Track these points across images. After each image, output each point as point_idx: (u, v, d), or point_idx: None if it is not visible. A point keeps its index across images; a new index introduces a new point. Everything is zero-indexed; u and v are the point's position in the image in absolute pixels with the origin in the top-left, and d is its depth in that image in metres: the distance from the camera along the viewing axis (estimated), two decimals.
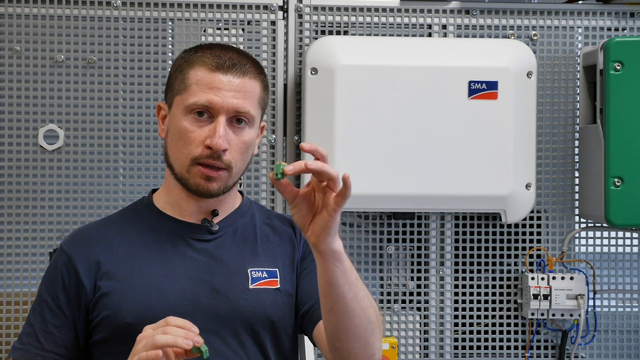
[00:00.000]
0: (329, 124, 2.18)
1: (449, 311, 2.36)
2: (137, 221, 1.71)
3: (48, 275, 1.68)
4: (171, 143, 1.66)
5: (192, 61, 1.66)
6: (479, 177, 2.20)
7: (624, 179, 2.18)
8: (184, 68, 1.66)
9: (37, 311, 1.67)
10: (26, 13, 2.25)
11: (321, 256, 1.49)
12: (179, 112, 1.64)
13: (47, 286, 1.67)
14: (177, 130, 1.64)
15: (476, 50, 2.23)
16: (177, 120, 1.64)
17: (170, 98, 1.67)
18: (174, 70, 1.69)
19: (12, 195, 2.25)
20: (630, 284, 2.39)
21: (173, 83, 1.68)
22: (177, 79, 1.66)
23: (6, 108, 2.25)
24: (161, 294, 1.61)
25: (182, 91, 1.64)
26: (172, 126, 1.66)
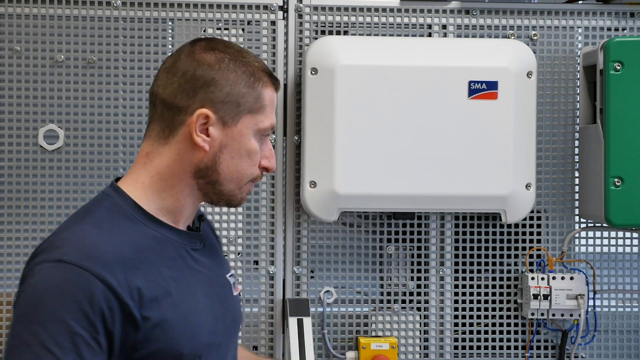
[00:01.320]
0: (329, 124, 2.18)
1: (449, 311, 2.36)
2: (139, 232, 1.52)
3: (70, 300, 1.38)
4: (230, 162, 1.55)
5: (257, 76, 1.56)
6: (479, 177, 2.20)
7: (624, 179, 2.18)
8: (254, 83, 1.55)
9: (65, 347, 1.37)
10: (26, 13, 2.25)
11: None
12: (249, 131, 1.55)
13: (75, 316, 1.38)
14: (246, 150, 1.55)
15: (476, 50, 2.23)
16: (245, 139, 1.55)
17: (236, 113, 1.54)
18: (235, 80, 1.54)
19: (12, 195, 2.25)
20: (630, 284, 2.39)
21: (240, 98, 1.54)
22: (249, 95, 1.55)
23: (6, 108, 2.25)
24: (202, 318, 1.51)
25: (256, 111, 1.55)
26: (234, 144, 1.54)
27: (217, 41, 1.59)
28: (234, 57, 1.55)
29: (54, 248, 1.43)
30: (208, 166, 1.54)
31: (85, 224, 1.47)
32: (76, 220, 1.50)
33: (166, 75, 1.55)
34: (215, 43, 1.58)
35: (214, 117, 1.52)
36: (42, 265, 1.41)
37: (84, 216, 1.50)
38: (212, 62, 1.54)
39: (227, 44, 1.59)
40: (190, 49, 1.55)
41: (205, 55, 1.54)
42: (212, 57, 1.54)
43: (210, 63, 1.54)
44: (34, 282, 1.40)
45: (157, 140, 1.56)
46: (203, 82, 1.52)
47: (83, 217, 1.49)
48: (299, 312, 2.17)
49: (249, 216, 2.29)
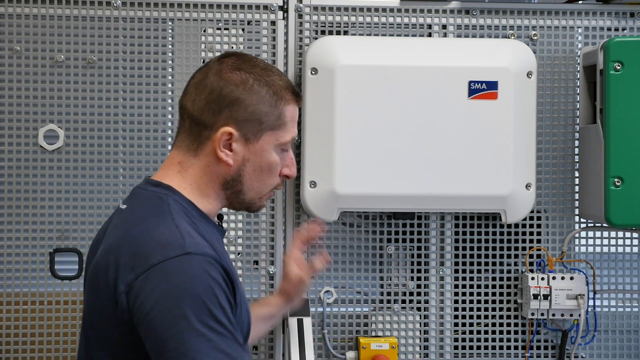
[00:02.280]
0: (329, 124, 2.18)
1: (449, 311, 2.36)
2: (208, 227, 1.68)
3: (207, 284, 1.50)
4: (252, 174, 1.68)
5: (280, 95, 1.68)
6: (479, 177, 2.20)
7: (624, 179, 2.18)
8: (277, 102, 1.67)
9: (226, 324, 1.50)
10: (26, 13, 2.25)
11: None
12: (269, 146, 1.68)
13: (213, 297, 1.50)
14: (267, 163, 1.68)
15: (476, 50, 2.23)
16: (267, 154, 1.68)
17: (258, 131, 1.66)
18: (258, 100, 1.65)
19: (12, 195, 2.25)
20: (630, 284, 2.39)
21: (263, 116, 1.66)
22: (272, 115, 1.66)
23: (6, 108, 2.25)
24: (247, 305, 1.68)
25: (277, 128, 1.68)
26: (256, 159, 1.68)
27: (245, 59, 1.71)
28: (258, 77, 1.67)
29: (165, 245, 1.52)
30: (233, 178, 1.68)
31: (174, 221, 1.58)
32: (159, 219, 1.59)
33: (195, 90, 1.67)
34: (242, 62, 1.69)
35: (237, 134, 1.65)
36: (169, 262, 1.51)
37: (164, 215, 1.60)
38: (238, 82, 1.65)
39: (254, 62, 1.70)
40: (219, 67, 1.67)
41: (232, 75, 1.66)
42: (237, 77, 1.66)
43: (236, 83, 1.65)
44: (178, 278, 1.49)
45: (187, 151, 1.68)
46: (228, 102, 1.64)
47: (164, 216, 1.59)
48: (299, 312, 2.17)
49: (249, 216, 2.29)
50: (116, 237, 1.61)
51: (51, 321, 2.27)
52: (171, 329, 1.48)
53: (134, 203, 1.68)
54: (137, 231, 1.58)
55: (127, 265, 1.54)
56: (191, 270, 1.51)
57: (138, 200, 1.68)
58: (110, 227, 1.66)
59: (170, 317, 1.48)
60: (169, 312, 1.48)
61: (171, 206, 1.62)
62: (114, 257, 1.57)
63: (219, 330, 1.49)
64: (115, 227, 1.64)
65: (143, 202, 1.66)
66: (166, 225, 1.57)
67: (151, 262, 1.51)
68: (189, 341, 1.47)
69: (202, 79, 1.67)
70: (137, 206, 1.66)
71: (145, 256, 1.53)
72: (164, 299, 1.49)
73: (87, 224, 2.27)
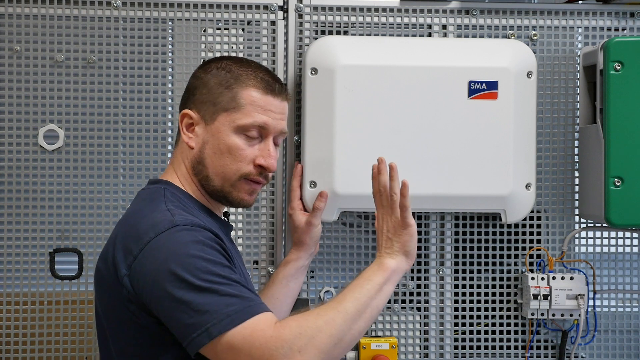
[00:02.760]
0: (329, 124, 2.18)
1: (449, 311, 2.36)
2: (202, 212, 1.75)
3: (197, 246, 1.54)
4: (213, 157, 1.74)
5: (241, 80, 1.75)
6: (479, 177, 2.20)
7: (624, 179, 2.18)
8: (232, 85, 1.74)
9: (232, 285, 1.52)
10: (26, 13, 2.25)
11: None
12: (227, 128, 1.73)
13: (205, 254, 1.54)
14: (224, 146, 1.73)
15: (476, 50, 2.23)
16: (223, 136, 1.73)
17: (213, 112, 1.74)
18: (214, 83, 1.75)
19: (12, 195, 2.25)
20: (630, 284, 2.39)
21: (216, 97, 1.74)
22: (224, 95, 1.74)
23: (6, 108, 2.25)
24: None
25: (232, 109, 1.74)
26: (214, 140, 1.74)
27: (229, 57, 1.83)
28: (223, 66, 1.77)
29: (156, 224, 1.58)
30: (198, 161, 1.75)
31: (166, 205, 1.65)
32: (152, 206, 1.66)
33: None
34: (223, 57, 1.83)
35: (196, 116, 1.76)
36: (160, 236, 1.56)
37: (157, 203, 1.67)
38: (200, 73, 1.79)
39: (233, 58, 1.82)
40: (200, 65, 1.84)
41: (200, 68, 1.80)
42: (202, 69, 1.80)
43: (199, 74, 1.79)
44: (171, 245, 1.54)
45: (174, 146, 1.83)
46: (191, 89, 1.79)
47: (157, 203, 1.67)
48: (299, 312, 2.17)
49: (249, 216, 2.29)
50: (116, 231, 1.69)
51: (51, 321, 2.27)
52: (174, 295, 1.51)
53: (135, 200, 1.78)
54: (132, 220, 1.66)
55: (124, 251, 1.60)
56: (181, 238, 1.56)
57: (138, 197, 1.78)
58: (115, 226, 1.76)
59: (170, 284, 1.52)
60: (167, 280, 1.52)
61: (166, 196, 1.70)
62: (112, 247, 1.65)
63: (219, 281, 1.52)
64: (116, 224, 1.73)
65: (142, 198, 1.75)
66: (158, 210, 1.64)
67: (144, 241, 1.57)
68: (195, 299, 1.50)
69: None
70: (135, 202, 1.76)
71: (139, 238, 1.59)
72: (159, 270, 1.53)
73: (87, 224, 2.27)
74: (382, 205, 1.83)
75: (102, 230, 2.27)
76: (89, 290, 2.27)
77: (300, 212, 2.14)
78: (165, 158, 2.29)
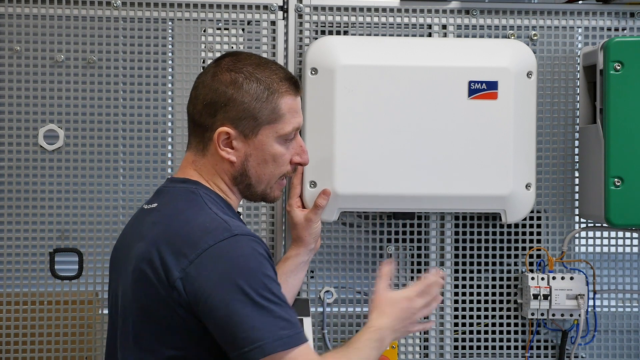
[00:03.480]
0: (329, 124, 2.18)
1: (449, 311, 2.36)
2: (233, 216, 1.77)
3: (258, 260, 1.61)
4: (258, 167, 1.77)
5: (273, 88, 1.75)
6: (479, 177, 2.20)
7: (624, 179, 2.18)
8: (269, 97, 1.75)
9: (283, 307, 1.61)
10: (26, 13, 2.25)
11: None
12: (269, 139, 1.76)
13: (265, 270, 1.61)
14: (270, 155, 1.77)
15: (476, 50, 2.23)
16: (268, 147, 1.76)
17: (254, 127, 1.74)
18: (249, 99, 1.73)
19: (12, 195, 2.25)
20: (630, 284, 2.39)
21: (256, 112, 1.74)
22: (264, 109, 1.74)
23: (6, 108, 2.25)
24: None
25: (274, 121, 1.75)
26: (257, 153, 1.76)
27: (239, 58, 1.80)
28: (248, 75, 1.75)
29: (212, 230, 1.62)
30: (240, 173, 1.77)
31: (211, 209, 1.69)
32: (196, 209, 1.69)
33: (194, 94, 1.78)
34: (236, 61, 1.78)
35: (234, 132, 1.74)
36: (220, 244, 1.60)
37: (200, 205, 1.69)
38: (228, 83, 1.74)
39: (248, 60, 1.79)
40: (214, 70, 1.78)
41: (223, 76, 1.75)
42: (228, 78, 1.75)
43: (227, 83, 1.74)
44: (234, 256, 1.60)
45: (197, 152, 1.78)
46: (221, 103, 1.73)
47: (200, 206, 1.69)
48: (299, 312, 2.17)
49: (249, 216, 2.29)
50: (158, 232, 1.67)
51: (51, 321, 2.27)
52: (232, 307, 1.57)
53: (166, 199, 1.76)
54: (178, 223, 1.67)
55: (176, 254, 1.62)
56: (242, 249, 1.61)
57: (170, 196, 1.76)
58: (145, 225, 1.72)
59: (230, 296, 1.57)
60: (228, 291, 1.58)
61: (203, 197, 1.72)
62: (158, 250, 1.64)
63: (275, 300, 1.60)
64: (153, 224, 1.71)
65: (176, 197, 1.74)
66: (205, 214, 1.68)
67: (202, 247, 1.60)
68: (252, 315, 1.57)
69: (200, 82, 1.78)
70: (170, 201, 1.74)
71: (194, 243, 1.61)
72: (221, 279, 1.58)
73: (87, 224, 2.27)
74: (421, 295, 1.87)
75: (102, 230, 2.27)
76: (88, 290, 2.28)
77: (298, 209, 2.16)
78: (165, 158, 2.29)
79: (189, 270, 1.60)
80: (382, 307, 1.86)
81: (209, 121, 1.75)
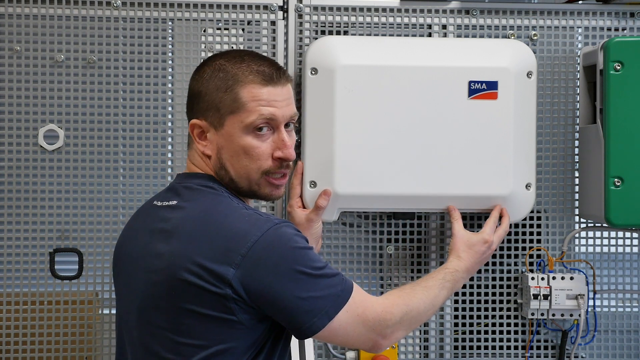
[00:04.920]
0: (329, 124, 2.18)
1: (449, 311, 2.36)
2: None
3: (299, 240, 1.69)
4: (232, 160, 1.75)
5: (238, 79, 1.74)
6: (479, 177, 2.20)
7: (624, 179, 2.18)
8: (231, 86, 1.73)
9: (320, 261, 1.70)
10: (26, 13, 2.25)
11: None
12: (236, 130, 1.74)
13: (306, 245, 1.69)
14: (239, 148, 1.74)
15: (476, 50, 2.23)
16: (236, 139, 1.74)
17: (219, 117, 1.74)
18: (213, 88, 1.74)
19: (12, 195, 2.25)
20: (630, 284, 2.39)
21: (218, 103, 1.73)
22: (226, 98, 1.73)
23: (6, 108, 2.25)
24: None
25: (236, 110, 1.73)
26: (228, 144, 1.75)
27: (224, 53, 1.80)
28: (217, 68, 1.75)
29: (254, 222, 1.67)
30: (219, 167, 1.77)
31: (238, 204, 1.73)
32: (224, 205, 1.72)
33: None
34: (219, 56, 1.78)
35: (205, 124, 1.76)
36: (267, 234, 1.65)
37: (226, 202, 1.73)
38: (199, 77, 1.77)
39: (229, 55, 1.78)
40: (198, 67, 1.81)
41: (198, 71, 1.79)
42: (200, 72, 1.78)
43: (197, 77, 1.78)
44: (281, 243, 1.66)
45: (190, 148, 1.82)
46: (192, 96, 1.78)
47: (227, 202, 1.73)
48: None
49: None
50: (193, 231, 1.68)
51: (51, 321, 2.27)
52: (295, 289, 1.65)
53: (187, 196, 1.75)
54: (215, 218, 1.68)
55: (224, 251, 1.64)
56: (286, 235, 1.67)
57: (190, 192, 1.76)
58: (168, 222, 1.72)
59: (291, 280, 1.64)
60: (287, 277, 1.64)
61: (223, 192, 1.76)
62: (193, 247, 1.66)
63: (321, 265, 1.69)
64: (182, 221, 1.70)
65: (199, 193, 1.75)
66: (238, 210, 1.71)
67: (252, 240, 1.64)
68: (313, 288, 1.66)
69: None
70: (194, 198, 1.74)
71: (241, 237, 1.65)
72: (278, 267, 1.64)
73: (87, 224, 2.27)
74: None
75: (102, 230, 2.28)
76: (88, 290, 2.28)
77: (299, 209, 2.16)
78: (165, 158, 2.29)
79: (244, 265, 1.63)
80: (458, 251, 2.07)
81: (188, 115, 1.79)
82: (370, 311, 1.73)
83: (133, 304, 1.75)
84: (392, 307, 1.76)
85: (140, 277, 1.74)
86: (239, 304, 1.65)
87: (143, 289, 1.72)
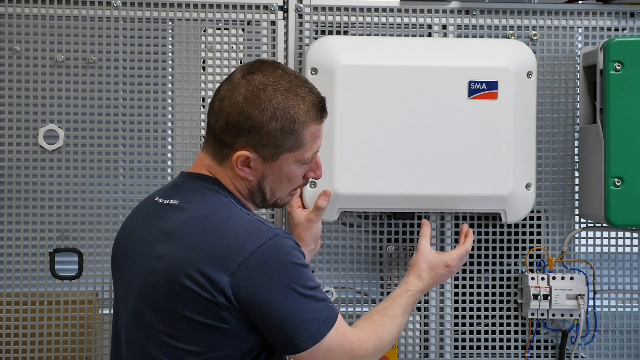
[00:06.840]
0: (329, 124, 2.17)
1: (449, 311, 2.36)
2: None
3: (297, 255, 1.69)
4: (273, 185, 1.79)
5: (300, 119, 1.74)
6: (479, 177, 2.20)
7: (624, 179, 2.18)
8: (295, 128, 1.73)
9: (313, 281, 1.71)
10: (26, 13, 2.25)
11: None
12: (290, 163, 1.77)
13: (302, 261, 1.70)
14: (287, 176, 1.78)
15: (476, 50, 2.23)
16: (286, 170, 1.77)
17: (275, 153, 1.74)
18: (275, 129, 1.71)
19: (12, 195, 2.25)
20: (630, 284, 2.39)
21: (279, 142, 1.73)
22: (288, 140, 1.73)
23: (6, 108, 2.25)
24: None
25: (295, 149, 1.76)
26: (274, 174, 1.77)
27: (271, 78, 1.74)
28: (276, 104, 1.71)
29: (254, 231, 1.67)
30: (255, 189, 1.78)
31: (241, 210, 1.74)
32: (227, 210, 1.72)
33: (219, 106, 1.74)
34: (267, 82, 1.73)
35: (254, 156, 1.74)
36: (265, 245, 1.66)
37: (230, 207, 1.73)
38: (256, 109, 1.71)
39: (278, 82, 1.74)
40: (245, 88, 1.72)
41: (253, 99, 1.71)
42: (257, 103, 1.71)
43: (255, 109, 1.71)
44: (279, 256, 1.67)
45: (213, 159, 1.77)
46: (246, 128, 1.71)
47: (230, 207, 1.73)
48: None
49: None
50: (193, 235, 1.68)
51: (51, 321, 2.27)
52: (286, 305, 1.66)
53: (189, 197, 1.75)
54: (215, 224, 1.69)
55: (220, 259, 1.64)
56: (285, 248, 1.67)
57: (193, 194, 1.75)
58: (170, 222, 1.72)
59: (283, 296, 1.65)
60: (280, 292, 1.65)
61: (228, 196, 1.76)
62: (198, 255, 1.66)
63: (314, 285, 1.70)
64: (183, 223, 1.70)
65: (202, 195, 1.75)
66: (239, 216, 1.71)
67: (250, 249, 1.65)
68: (302, 308, 1.67)
69: (225, 96, 1.73)
70: (196, 200, 1.74)
71: (240, 245, 1.65)
72: (272, 281, 1.65)
73: (87, 224, 2.27)
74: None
75: (102, 230, 2.28)
76: (88, 290, 2.28)
77: (299, 209, 2.16)
78: (165, 158, 2.29)
79: (238, 272, 1.64)
80: (420, 270, 2.04)
81: (230, 141, 1.73)
82: (349, 344, 1.75)
83: (130, 300, 1.75)
84: (366, 343, 1.79)
85: (138, 274, 1.74)
86: (231, 312, 1.65)
87: (141, 288, 1.73)
